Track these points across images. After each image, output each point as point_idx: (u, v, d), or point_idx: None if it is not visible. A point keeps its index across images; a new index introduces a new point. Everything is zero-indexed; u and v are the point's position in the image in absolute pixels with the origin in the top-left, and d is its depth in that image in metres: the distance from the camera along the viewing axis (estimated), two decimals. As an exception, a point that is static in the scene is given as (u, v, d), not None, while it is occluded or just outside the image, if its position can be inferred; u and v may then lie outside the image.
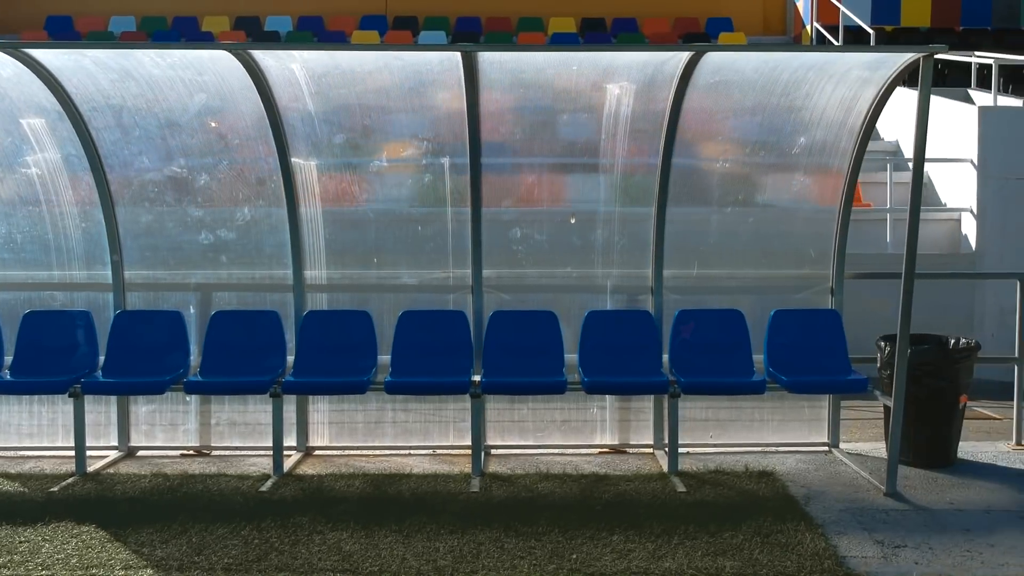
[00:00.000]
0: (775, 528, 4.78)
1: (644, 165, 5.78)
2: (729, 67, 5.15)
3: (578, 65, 5.08)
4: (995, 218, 9.67)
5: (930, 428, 5.80)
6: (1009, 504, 5.23)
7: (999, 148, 9.67)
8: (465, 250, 6.00)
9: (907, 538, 4.74)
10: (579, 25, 16.57)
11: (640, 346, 5.87)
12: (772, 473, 5.68)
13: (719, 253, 6.13)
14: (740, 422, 6.25)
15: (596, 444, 6.23)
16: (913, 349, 5.75)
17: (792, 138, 5.72)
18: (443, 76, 5.11)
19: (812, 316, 5.94)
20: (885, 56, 4.88)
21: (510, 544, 4.61)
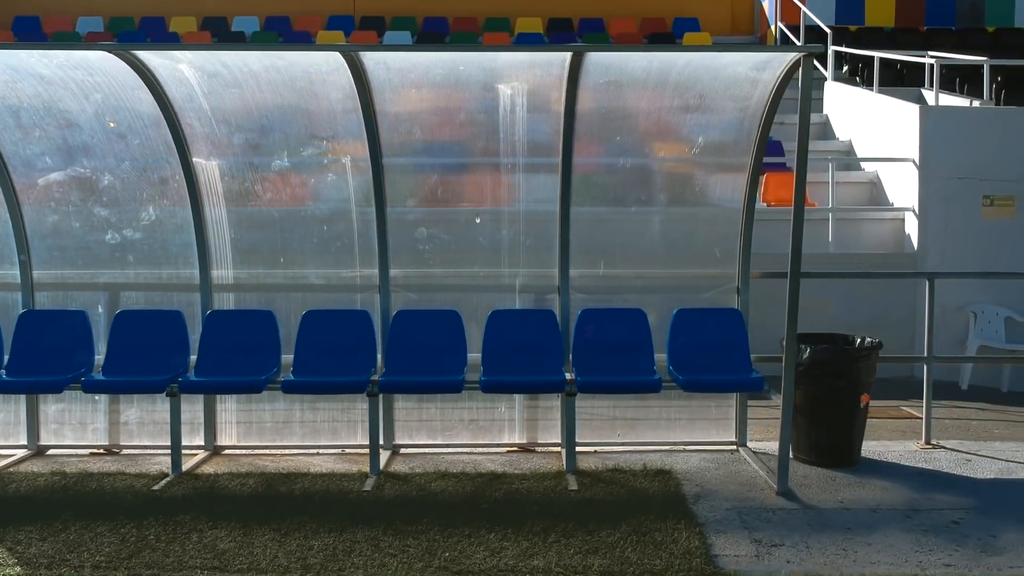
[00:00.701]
0: (654, 527, 4.79)
1: (545, 165, 5.79)
2: (618, 68, 5.16)
3: (465, 65, 5.09)
4: (937, 218, 9.68)
5: (830, 427, 5.81)
6: (899, 503, 5.24)
7: (941, 148, 9.67)
8: (372, 249, 6.01)
9: (786, 537, 4.75)
10: (546, 25, 16.58)
11: (542, 345, 5.88)
12: (670, 472, 5.69)
13: (625, 253, 6.14)
14: (647, 421, 6.26)
15: (504, 443, 6.24)
16: (812, 348, 5.76)
17: (691, 138, 5.73)
18: (333, 76, 5.12)
19: (714, 315, 5.94)
20: (769, 56, 4.89)
21: (386, 542, 4.62)
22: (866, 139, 11.44)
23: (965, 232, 9.63)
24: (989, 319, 9.57)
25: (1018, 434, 6.88)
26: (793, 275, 5.07)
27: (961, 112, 9.92)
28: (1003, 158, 9.60)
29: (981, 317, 9.57)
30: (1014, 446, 6.43)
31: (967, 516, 5.05)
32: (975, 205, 9.67)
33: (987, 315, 9.57)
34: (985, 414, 7.75)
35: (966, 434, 6.83)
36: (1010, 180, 9.64)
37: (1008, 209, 9.68)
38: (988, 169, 9.62)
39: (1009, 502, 5.26)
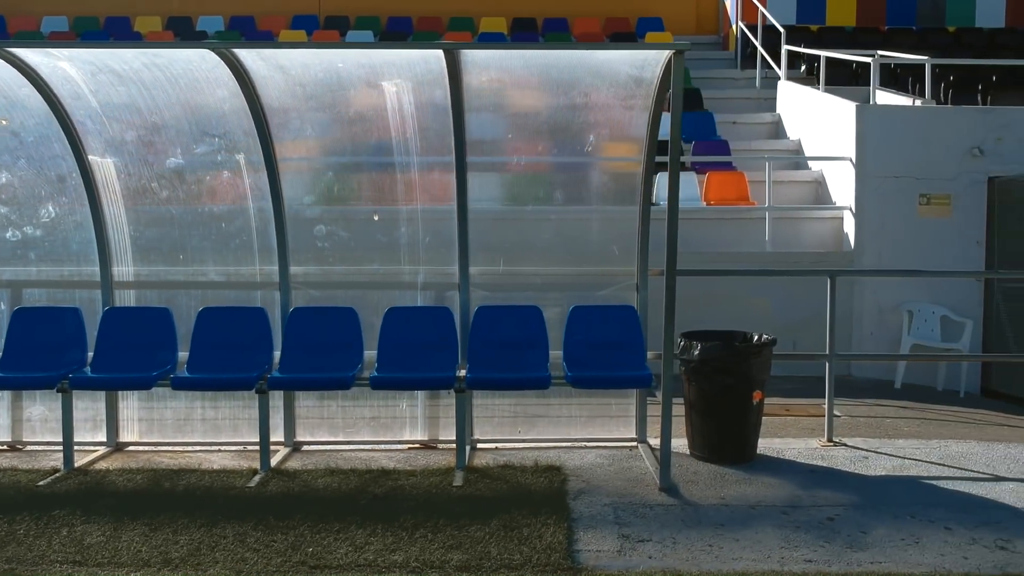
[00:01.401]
0: (525, 522, 4.81)
1: (440, 163, 5.81)
2: (497, 66, 5.18)
3: (343, 63, 5.11)
4: (873, 216, 9.70)
5: (723, 424, 5.82)
6: (780, 500, 5.26)
7: (876, 147, 9.70)
8: (271, 247, 6.04)
9: (656, 533, 4.76)
10: (510, 25, 16.60)
11: (438, 342, 5.90)
12: (559, 468, 5.70)
13: (525, 250, 6.16)
14: (548, 418, 6.28)
15: (406, 440, 6.25)
16: (703, 346, 5.77)
17: (582, 137, 5.75)
18: (215, 74, 5.14)
19: (610, 312, 5.96)
20: (644, 55, 4.90)
21: (253, 537, 4.64)
22: (813, 138, 11.46)
23: (901, 231, 9.66)
24: (925, 318, 9.59)
25: (927, 432, 6.89)
26: (669, 273, 5.08)
27: (897, 111, 9.93)
28: (939, 157, 9.63)
29: (917, 316, 9.60)
30: (916, 443, 6.45)
31: (844, 513, 5.06)
32: (912, 204, 9.69)
33: (923, 314, 9.59)
34: (905, 412, 7.77)
35: (875, 432, 6.85)
36: (946, 179, 9.67)
37: (944, 208, 9.70)
38: (924, 168, 9.65)
39: (890, 499, 5.27)
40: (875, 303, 9.68)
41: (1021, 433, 7.11)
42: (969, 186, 9.65)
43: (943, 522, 4.94)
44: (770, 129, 12.83)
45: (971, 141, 9.61)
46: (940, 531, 4.82)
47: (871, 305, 9.67)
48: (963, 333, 9.33)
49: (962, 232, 9.64)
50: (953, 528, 4.86)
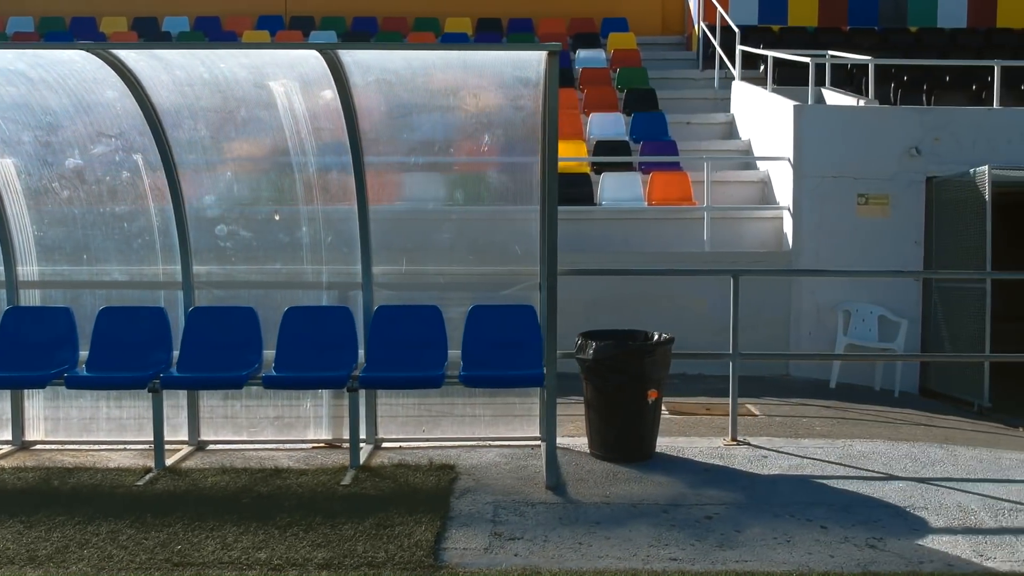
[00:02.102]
0: (399, 521, 4.83)
1: (338, 164, 5.83)
2: (379, 67, 5.19)
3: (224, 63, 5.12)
4: (811, 216, 9.71)
5: (618, 423, 5.84)
6: (665, 498, 5.27)
7: (814, 146, 9.71)
8: (174, 246, 6.06)
9: (530, 531, 4.78)
10: (475, 25, 16.62)
11: (337, 341, 5.92)
12: (453, 467, 5.72)
13: (427, 250, 6.18)
14: (452, 417, 6.29)
15: (310, 439, 6.27)
16: (597, 345, 5.79)
17: (478, 137, 5.76)
18: (102, 74, 5.16)
19: (509, 312, 5.97)
20: (519, 55, 4.91)
21: (126, 535, 4.66)
22: (761, 138, 11.48)
23: (839, 230, 9.67)
24: (863, 317, 9.61)
25: (839, 431, 6.90)
26: (549, 274, 5.09)
27: (835, 111, 9.95)
28: (878, 157, 9.65)
29: (855, 315, 9.61)
30: (821, 443, 6.46)
31: (724, 511, 5.08)
32: (850, 204, 9.71)
33: (861, 313, 9.61)
34: (827, 411, 7.77)
35: (786, 431, 6.86)
36: (885, 179, 9.69)
37: (882, 208, 9.72)
38: (863, 168, 9.67)
39: (775, 498, 5.29)
40: (813, 303, 9.69)
41: (934, 432, 7.13)
42: (907, 186, 9.67)
43: (821, 521, 4.96)
44: (724, 129, 12.85)
45: (909, 141, 9.63)
46: (815, 530, 4.84)
47: (809, 305, 9.69)
48: (898, 333, 9.35)
49: (900, 232, 9.66)
50: (829, 527, 4.88)
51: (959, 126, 9.62)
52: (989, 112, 9.77)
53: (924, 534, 4.81)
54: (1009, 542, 4.72)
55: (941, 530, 4.87)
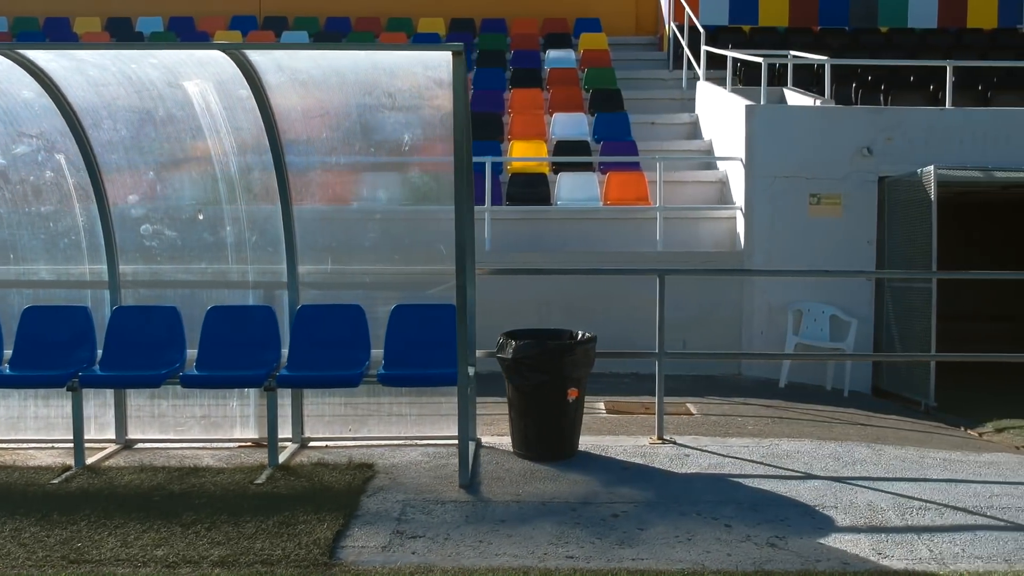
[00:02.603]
0: (304, 519, 4.84)
1: (259, 163, 5.85)
2: (290, 67, 5.21)
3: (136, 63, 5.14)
4: (763, 216, 9.73)
5: (538, 421, 5.85)
6: (576, 496, 5.28)
7: (766, 147, 9.73)
8: (100, 246, 6.08)
9: (433, 529, 4.80)
10: (448, 25, 16.64)
11: (259, 341, 5.94)
12: (373, 465, 5.73)
13: (352, 249, 6.20)
14: (379, 416, 6.31)
15: (236, 438, 6.29)
16: (516, 344, 5.80)
17: (398, 137, 5.78)
18: (15, 74, 5.18)
19: (432, 311, 5.98)
20: (425, 55, 4.92)
21: (29, 533, 4.67)
22: (722, 138, 11.50)
23: (791, 230, 9.69)
24: (815, 317, 9.63)
25: (769, 430, 6.91)
26: (459, 272, 5.09)
27: (787, 111, 9.97)
28: (830, 157, 9.67)
29: (807, 315, 9.64)
30: (748, 442, 6.48)
31: (633, 510, 5.10)
32: (802, 203, 9.73)
33: (813, 313, 9.63)
34: (766, 411, 7.79)
35: (716, 430, 6.87)
36: (837, 179, 9.71)
37: (835, 207, 9.74)
38: (815, 168, 9.69)
39: (687, 496, 5.30)
40: (765, 303, 9.71)
41: (868, 432, 7.14)
42: (860, 186, 9.69)
43: (727, 520, 4.97)
44: (688, 130, 12.86)
45: (861, 141, 9.66)
46: (719, 528, 4.85)
47: (761, 304, 9.71)
48: (848, 333, 9.36)
49: (853, 232, 9.69)
50: (733, 526, 4.90)
51: (911, 126, 9.64)
52: (941, 112, 9.79)
53: (828, 533, 4.82)
54: (910, 540, 4.74)
55: (846, 529, 4.88)
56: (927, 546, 4.66)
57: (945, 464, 6.08)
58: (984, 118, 9.70)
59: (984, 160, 9.50)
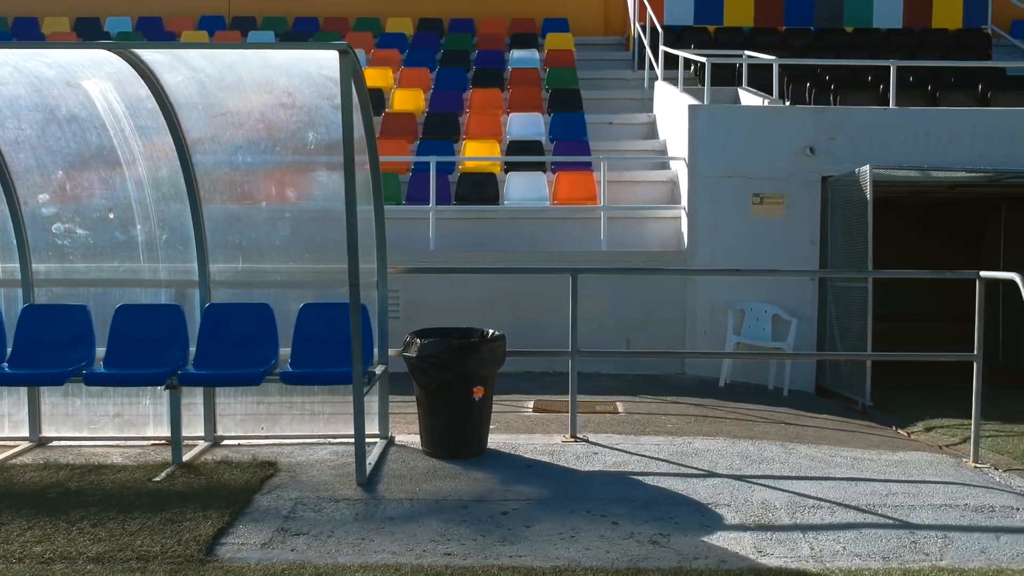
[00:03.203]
0: (191, 516, 4.85)
1: (166, 161, 5.86)
2: (185, 65, 5.23)
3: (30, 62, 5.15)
4: (706, 215, 9.74)
5: (445, 420, 5.87)
6: (472, 494, 5.29)
7: (709, 146, 9.74)
8: (12, 244, 6.10)
9: (319, 527, 4.81)
10: (416, 25, 16.67)
11: (167, 340, 5.96)
12: (276, 463, 5.75)
13: (263, 248, 6.21)
14: (290, 415, 6.33)
15: (150, 436, 6.31)
16: (421, 342, 5.82)
17: (303, 136, 5.80)
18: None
19: (341, 310, 5.99)
20: (316, 54, 4.94)
21: (-87, 531, 4.70)
22: (675, 138, 11.51)
23: (734, 230, 9.70)
24: (757, 316, 9.64)
25: (689, 429, 6.93)
26: (351, 270, 5.10)
27: (729, 111, 9.97)
28: (773, 157, 9.68)
29: (750, 315, 9.65)
30: (661, 440, 6.50)
31: (524, 507, 5.11)
32: (745, 203, 9.74)
33: (755, 312, 9.64)
34: (694, 410, 7.81)
35: (633, 428, 6.88)
36: (780, 179, 9.72)
37: (777, 207, 9.75)
38: (758, 167, 9.70)
39: (583, 493, 5.32)
40: (709, 302, 9.73)
41: (789, 431, 7.15)
42: (803, 186, 9.70)
43: (616, 517, 4.98)
44: (646, 129, 12.89)
45: (804, 141, 9.67)
46: (605, 526, 4.87)
47: (704, 304, 9.72)
48: (789, 332, 9.38)
49: (795, 231, 9.70)
50: (621, 523, 4.91)
51: (854, 126, 9.65)
52: (884, 112, 9.80)
53: (713, 531, 4.83)
54: (795, 538, 4.75)
55: (733, 527, 4.89)
56: (810, 544, 4.68)
57: (853, 463, 6.10)
58: (928, 118, 9.72)
59: (928, 160, 9.52)
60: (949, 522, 4.99)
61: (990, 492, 5.54)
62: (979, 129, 9.64)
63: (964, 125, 9.64)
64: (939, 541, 4.74)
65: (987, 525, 4.96)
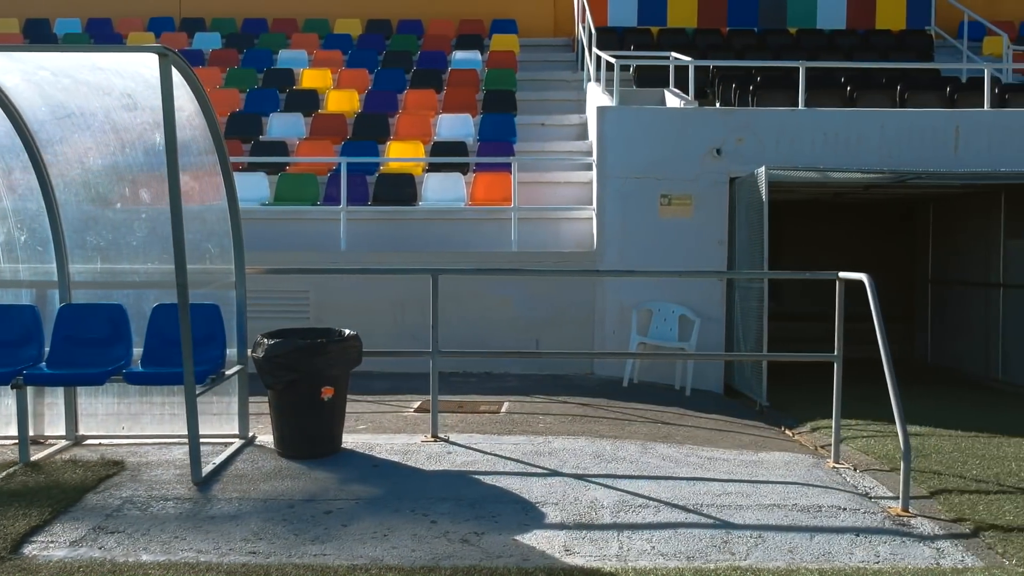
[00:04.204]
0: (11, 514, 4.87)
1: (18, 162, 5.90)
2: (19, 66, 5.27)
3: None
4: (614, 216, 9.78)
5: (293, 420, 5.91)
6: (304, 494, 5.31)
7: (617, 148, 9.77)
8: None
9: (135, 525, 4.83)
10: (364, 26, 16.72)
11: (19, 340, 6.00)
12: (122, 463, 5.79)
13: (120, 249, 6.25)
14: (151, 415, 6.37)
15: (12, 436, 6.34)
16: (268, 343, 5.85)
17: (149, 136, 5.83)
18: None
19: (194, 311, 6.02)
20: (139, 56, 4.98)
21: None
22: (598, 139, 11.54)
23: (643, 231, 9.74)
24: (665, 317, 9.67)
25: (557, 429, 6.96)
26: (178, 270, 5.14)
27: (638, 113, 10.00)
28: (681, 158, 9.71)
29: (657, 315, 9.68)
30: (521, 439, 6.53)
31: (350, 506, 5.14)
32: (654, 204, 9.77)
33: (663, 313, 9.68)
34: (579, 409, 7.84)
35: (500, 428, 6.92)
36: (688, 180, 9.75)
37: (685, 208, 9.78)
38: (666, 168, 9.73)
39: (417, 493, 5.33)
40: (618, 302, 9.76)
41: (661, 430, 7.18)
42: (711, 186, 9.74)
43: (437, 516, 5.01)
44: (578, 130, 12.91)
45: (712, 142, 9.71)
46: (423, 525, 4.89)
47: (614, 304, 9.76)
48: (692, 332, 9.41)
49: (704, 232, 9.73)
50: (440, 522, 4.94)
51: (762, 127, 9.69)
52: (793, 113, 9.83)
53: (530, 529, 4.86)
54: (607, 537, 4.78)
55: (552, 525, 4.92)
56: (620, 543, 4.70)
57: (706, 463, 6.13)
58: (836, 119, 9.75)
59: (836, 160, 9.56)
60: (770, 522, 5.02)
61: (828, 492, 5.57)
62: (887, 130, 9.68)
63: (872, 127, 9.68)
64: (751, 541, 4.77)
65: (807, 525, 4.99)
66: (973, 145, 9.69)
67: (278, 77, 14.07)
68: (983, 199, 10.86)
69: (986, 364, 10.77)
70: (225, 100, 13.32)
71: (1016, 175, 8.89)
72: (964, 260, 11.46)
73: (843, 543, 4.76)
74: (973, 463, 6.34)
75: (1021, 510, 5.27)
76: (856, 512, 5.20)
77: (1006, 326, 10.38)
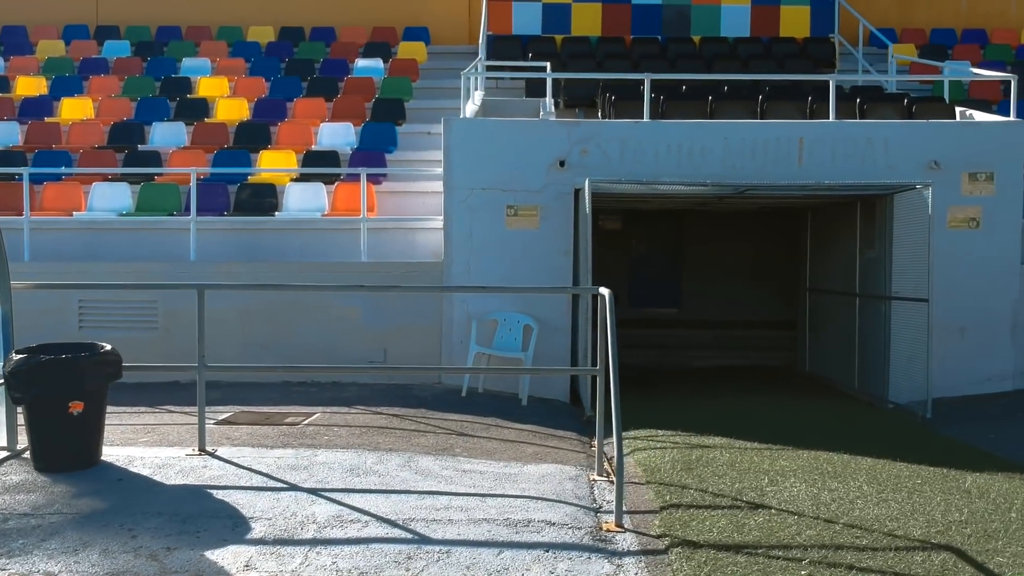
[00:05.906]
0: None
1: None
2: None
3: None
4: (461, 228, 9.86)
5: (42, 434, 5.99)
6: (24, 507, 5.35)
7: (464, 159, 9.85)
8: None
9: None
10: (278, 34, 16.81)
11: None
12: None
13: None
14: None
15: None
16: (15, 358, 5.94)
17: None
18: None
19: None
20: None
21: None
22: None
23: (490, 242, 9.82)
24: (510, 327, 9.76)
25: (340, 442, 7.03)
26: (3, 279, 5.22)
27: (483, 124, 10.08)
28: (527, 169, 9.79)
29: (503, 325, 9.76)
30: (287, 453, 6.61)
31: (62, 520, 5.18)
32: (500, 215, 9.85)
33: (509, 323, 9.76)
34: (383, 420, 7.92)
35: (280, 442, 6.97)
36: (534, 191, 9.84)
37: (532, 219, 9.87)
38: (513, 180, 9.81)
39: (138, 507, 5.38)
40: (465, 312, 9.83)
41: (445, 441, 7.24)
42: (556, 198, 9.82)
43: (141, 531, 5.06)
44: (461, 140, 12.96)
45: (558, 154, 9.79)
46: (121, 540, 4.93)
47: (461, 314, 9.83)
48: (530, 343, 9.49)
49: (549, 243, 9.82)
50: (140, 537, 5.00)
51: (605, 139, 9.77)
52: (636, 125, 9.90)
53: (227, 545, 4.91)
54: (295, 553, 4.83)
55: (250, 541, 4.98)
56: (305, 558, 4.75)
57: (460, 476, 6.20)
58: (680, 131, 9.83)
59: (679, 172, 9.64)
60: (468, 537, 5.09)
61: (552, 507, 5.64)
62: (730, 143, 9.75)
63: (715, 139, 9.76)
64: (435, 556, 4.84)
65: (502, 540, 5.06)
66: (817, 156, 9.77)
67: (175, 86, 14.17)
68: (847, 209, 10.92)
69: (848, 373, 10.83)
70: (116, 109, 13.43)
71: (840, 187, 8.95)
72: (833, 269, 11.52)
73: (527, 559, 4.83)
74: (731, 476, 6.40)
75: (731, 527, 5.32)
76: (563, 527, 5.27)
77: (862, 336, 10.44)
